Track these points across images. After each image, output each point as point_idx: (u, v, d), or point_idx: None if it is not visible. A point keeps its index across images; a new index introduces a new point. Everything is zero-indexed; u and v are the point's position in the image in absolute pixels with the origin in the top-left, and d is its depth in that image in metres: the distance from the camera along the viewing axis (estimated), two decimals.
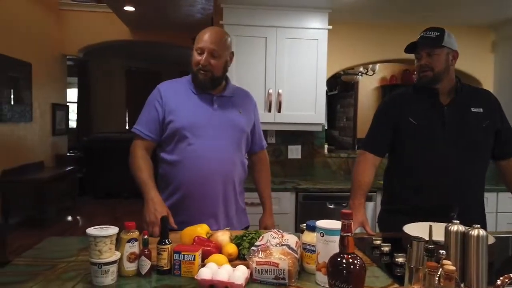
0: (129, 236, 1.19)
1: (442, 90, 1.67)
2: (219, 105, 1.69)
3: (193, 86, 1.70)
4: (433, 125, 1.66)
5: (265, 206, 1.92)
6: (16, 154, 4.74)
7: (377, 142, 1.80)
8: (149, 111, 1.68)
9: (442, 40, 1.62)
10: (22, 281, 1.13)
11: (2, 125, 4.42)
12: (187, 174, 1.62)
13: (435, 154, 1.66)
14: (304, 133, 3.41)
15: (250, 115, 1.81)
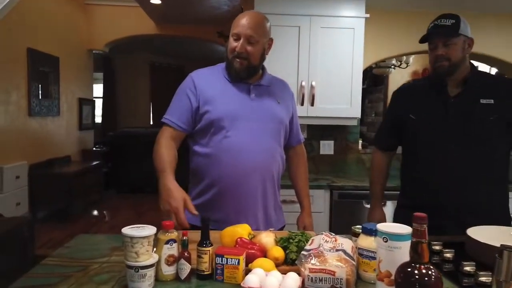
0: (168, 236, 1.08)
1: (453, 81, 1.58)
2: (257, 94, 1.57)
3: (228, 75, 1.58)
4: (433, 120, 1.59)
5: (303, 204, 1.79)
6: (43, 148, 4.76)
7: (383, 138, 1.85)
8: (181, 100, 1.56)
9: (458, 28, 1.52)
10: (53, 283, 1.04)
11: (31, 119, 4.44)
12: (224, 169, 1.50)
13: (435, 151, 1.58)
14: (337, 128, 3.25)
15: (289, 105, 1.69)
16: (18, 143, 4.15)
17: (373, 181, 1.90)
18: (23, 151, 4.25)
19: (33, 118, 4.49)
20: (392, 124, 1.76)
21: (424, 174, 1.62)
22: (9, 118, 4.00)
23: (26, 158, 4.29)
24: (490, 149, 1.55)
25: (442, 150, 1.56)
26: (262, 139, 1.54)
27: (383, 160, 1.85)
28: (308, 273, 1.01)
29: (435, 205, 1.53)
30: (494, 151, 1.56)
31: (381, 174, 1.86)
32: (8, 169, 3.88)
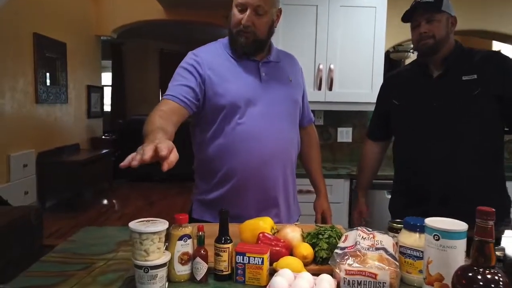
0: (181, 232, 0.95)
1: (435, 61, 1.50)
2: (267, 73, 1.40)
3: (232, 52, 1.40)
4: (416, 103, 1.54)
5: (319, 187, 1.66)
6: (52, 136, 4.67)
7: (372, 127, 1.81)
8: (183, 76, 1.34)
9: (441, 4, 1.45)
10: (52, 284, 0.92)
11: (38, 106, 4.34)
12: (240, 159, 1.35)
13: (420, 134, 1.52)
14: (356, 114, 3.09)
15: (300, 82, 1.54)
16: (25, 130, 4.06)
17: (358, 171, 1.90)
18: (30, 139, 4.17)
19: (41, 105, 4.39)
20: (380, 113, 1.73)
21: (411, 157, 1.56)
22: (16, 105, 3.91)
23: (34, 146, 4.21)
24: (478, 127, 1.45)
25: (427, 132, 1.50)
26: (278, 124, 1.39)
27: (372, 150, 1.82)
28: (344, 276, 0.87)
29: (424, 189, 1.50)
30: (483, 129, 1.45)
31: (368, 164, 1.84)
32: (15, 157, 3.79)
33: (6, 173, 3.70)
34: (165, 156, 0.88)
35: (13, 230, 2.81)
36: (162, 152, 0.88)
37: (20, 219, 2.99)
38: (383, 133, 1.75)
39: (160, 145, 0.89)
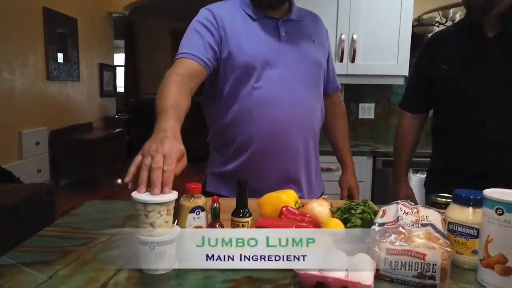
0: (193, 203, 0.82)
1: (490, 19, 1.29)
2: (287, 32, 1.25)
3: (250, 9, 1.24)
4: (469, 68, 1.34)
5: (345, 162, 1.52)
6: (64, 114, 4.61)
7: (411, 98, 1.59)
8: (201, 33, 1.19)
9: None
10: (47, 261, 0.81)
11: (49, 84, 4.26)
12: (257, 127, 1.21)
13: (472, 103, 1.33)
14: (379, 89, 2.90)
15: (325, 44, 1.38)
16: (37, 108, 3.99)
17: (397, 149, 1.64)
18: (42, 116, 4.10)
19: (52, 82, 4.31)
20: (421, 80, 1.50)
21: (462, 131, 1.38)
22: (27, 82, 3.83)
23: (46, 124, 4.14)
24: None
25: (484, 102, 1.31)
26: (299, 89, 1.24)
27: (411, 125, 1.59)
28: (385, 255, 0.73)
29: (478, 168, 1.32)
30: None
31: (408, 141, 1.60)
32: (27, 134, 3.74)
33: (18, 150, 3.65)
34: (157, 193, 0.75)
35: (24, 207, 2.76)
36: (153, 191, 0.75)
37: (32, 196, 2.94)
38: (424, 104, 1.54)
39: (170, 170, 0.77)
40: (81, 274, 0.76)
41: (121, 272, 0.77)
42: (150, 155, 0.80)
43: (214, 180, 1.29)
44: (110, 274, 0.76)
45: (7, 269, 0.77)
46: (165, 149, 0.80)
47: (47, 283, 0.72)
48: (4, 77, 3.45)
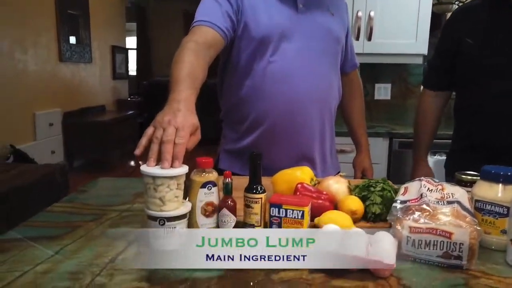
0: (205, 178, 0.78)
1: None
2: (305, 4, 1.18)
3: None
4: (496, 41, 1.27)
5: (361, 142, 1.47)
6: (77, 96, 4.61)
7: (433, 74, 1.50)
8: (218, 2, 1.12)
9: None
10: (55, 236, 0.79)
11: (62, 65, 4.25)
12: (271, 103, 1.16)
13: (499, 77, 1.26)
14: (397, 68, 2.81)
15: (344, 18, 1.31)
16: (50, 89, 3.99)
17: (418, 128, 1.56)
18: (55, 98, 4.11)
19: (64, 64, 4.30)
20: (444, 56, 1.43)
21: (485, 105, 1.31)
22: (39, 62, 3.82)
23: (59, 106, 4.15)
24: None
25: (506, 74, 1.25)
26: (316, 64, 1.18)
27: (434, 103, 1.50)
28: (408, 234, 0.69)
29: (500, 142, 1.27)
30: None
31: (429, 119, 1.52)
32: (40, 116, 3.75)
33: (32, 131, 3.67)
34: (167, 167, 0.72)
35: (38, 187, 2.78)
36: (163, 164, 0.72)
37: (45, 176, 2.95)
38: (447, 81, 1.45)
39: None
40: (89, 249, 0.73)
41: (129, 248, 0.74)
42: (162, 127, 0.76)
43: (227, 157, 1.25)
44: (118, 250, 0.73)
45: (14, 243, 0.75)
46: (177, 122, 0.76)
47: (54, 258, 0.70)
48: (16, 58, 3.44)
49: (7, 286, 0.60)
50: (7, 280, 0.62)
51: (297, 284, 0.62)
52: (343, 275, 0.65)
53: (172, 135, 0.74)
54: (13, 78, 3.40)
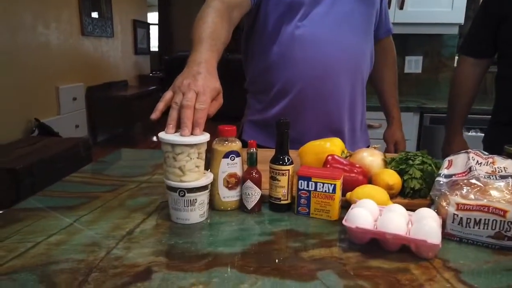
0: (228, 147, 0.72)
1: None
2: None
3: None
4: None
5: (392, 114, 1.37)
6: (99, 70, 4.61)
7: (476, 41, 1.39)
8: None
9: None
10: (71, 206, 0.75)
11: (84, 39, 4.24)
12: (298, 70, 1.07)
13: None
14: (429, 40, 2.64)
15: None
16: (72, 63, 3.99)
17: (454, 99, 1.46)
18: (78, 72, 4.11)
19: (87, 38, 4.28)
20: (489, 20, 1.32)
21: None
22: (62, 36, 3.81)
23: (82, 80, 4.16)
24: None
25: None
26: (348, 29, 1.08)
27: (472, 71, 1.40)
28: (455, 211, 0.61)
29: None
30: None
31: (467, 89, 1.41)
32: (64, 90, 3.77)
33: (56, 105, 3.70)
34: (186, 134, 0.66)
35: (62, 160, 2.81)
36: (183, 131, 0.67)
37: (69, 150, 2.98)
38: (488, 48, 1.34)
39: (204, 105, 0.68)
40: (106, 221, 0.69)
41: (148, 220, 0.70)
42: (182, 91, 0.70)
43: (251, 128, 1.19)
44: (136, 222, 0.69)
45: (29, 213, 0.72)
46: (198, 86, 0.70)
47: (69, 228, 0.66)
48: (39, 31, 3.43)
49: (17, 258, 0.56)
50: (18, 251, 0.58)
51: (330, 263, 0.56)
52: (381, 255, 0.58)
53: (192, 100, 0.68)
54: (36, 52, 3.40)
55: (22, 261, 0.56)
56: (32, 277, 0.52)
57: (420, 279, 0.53)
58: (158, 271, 0.54)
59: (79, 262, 0.56)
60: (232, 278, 0.53)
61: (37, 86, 3.41)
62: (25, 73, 3.25)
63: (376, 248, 0.60)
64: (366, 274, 0.54)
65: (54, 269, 0.54)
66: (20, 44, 3.19)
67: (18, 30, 3.17)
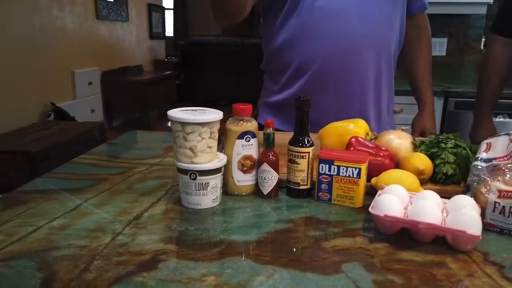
0: (243, 127, 0.67)
1: None
2: None
3: None
4: None
5: (423, 98, 1.23)
6: (114, 55, 4.58)
7: (507, 19, 1.28)
8: None
9: None
10: (77, 189, 0.71)
11: (99, 23, 4.20)
12: (318, 45, 0.99)
13: None
14: (455, 21, 2.51)
15: None
16: (88, 47, 3.97)
17: (484, 80, 1.34)
18: (93, 56, 4.09)
19: (102, 21, 4.25)
20: None
21: None
22: (77, 20, 3.78)
23: (97, 65, 4.14)
24: None
25: None
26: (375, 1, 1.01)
27: (504, 51, 1.28)
28: (495, 199, 0.55)
29: None
30: None
31: (498, 70, 1.30)
32: (79, 74, 3.75)
33: (71, 89, 3.69)
34: None
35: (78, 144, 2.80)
36: None
37: (84, 134, 2.98)
38: None
39: None
40: (113, 205, 0.65)
41: (157, 204, 0.65)
42: None
43: (266, 110, 1.13)
44: (145, 206, 0.64)
45: (33, 195, 0.68)
46: None
47: (73, 212, 0.62)
48: (54, 14, 3.41)
49: (16, 242, 0.53)
50: (18, 235, 0.54)
51: (355, 255, 0.51)
52: (412, 246, 0.53)
53: None
54: (51, 35, 3.38)
55: (21, 246, 0.52)
56: (30, 264, 0.48)
57: (458, 274, 0.47)
58: (165, 259, 0.49)
59: (81, 248, 0.52)
60: (246, 269, 0.47)
61: (53, 70, 3.41)
62: (41, 57, 3.24)
63: (406, 239, 0.54)
64: (396, 267, 0.48)
65: (55, 255, 0.50)
66: (35, 28, 3.17)
67: (33, 14, 3.15)
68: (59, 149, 2.59)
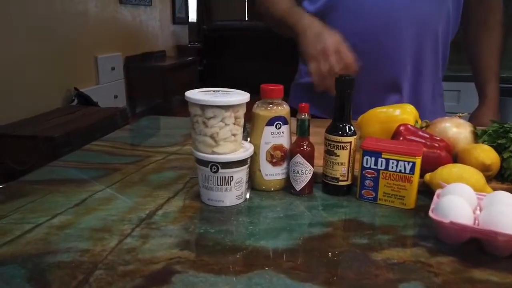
0: (273, 112, 0.57)
1: None
2: None
3: None
4: None
5: (485, 90, 1.07)
6: (137, 40, 4.53)
7: None
8: None
9: None
10: (85, 180, 0.63)
11: (122, 7, 4.15)
12: (348, 22, 0.89)
13: None
14: None
15: None
16: (110, 32, 3.93)
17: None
18: (116, 41, 4.05)
19: (124, 6, 4.19)
20: None
21: None
22: (99, 4, 3.74)
23: (120, 50, 4.10)
24: None
25: None
26: None
27: None
28: None
29: None
30: None
31: None
32: (102, 59, 3.72)
33: (95, 75, 3.67)
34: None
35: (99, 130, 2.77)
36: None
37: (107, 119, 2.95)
38: None
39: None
40: (123, 200, 0.57)
41: (174, 200, 0.57)
42: None
43: (300, 92, 1.02)
44: (159, 202, 0.56)
45: (36, 186, 0.60)
46: None
47: (78, 207, 0.54)
48: None
49: (9, 244, 0.45)
50: (12, 235, 0.47)
51: (415, 271, 0.41)
52: (487, 263, 0.42)
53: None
54: (74, 20, 3.35)
55: (13, 248, 0.44)
56: (20, 272, 0.40)
57: None
58: (181, 271, 0.41)
59: (82, 253, 0.43)
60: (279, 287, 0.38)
61: (76, 55, 3.38)
62: (63, 41, 3.21)
63: (475, 251, 0.44)
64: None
65: (50, 261, 0.42)
66: (57, 12, 3.14)
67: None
68: (81, 135, 2.56)
